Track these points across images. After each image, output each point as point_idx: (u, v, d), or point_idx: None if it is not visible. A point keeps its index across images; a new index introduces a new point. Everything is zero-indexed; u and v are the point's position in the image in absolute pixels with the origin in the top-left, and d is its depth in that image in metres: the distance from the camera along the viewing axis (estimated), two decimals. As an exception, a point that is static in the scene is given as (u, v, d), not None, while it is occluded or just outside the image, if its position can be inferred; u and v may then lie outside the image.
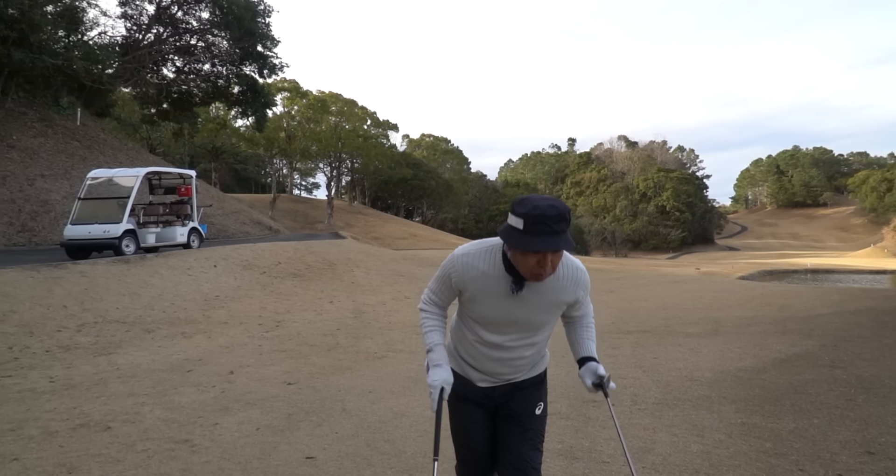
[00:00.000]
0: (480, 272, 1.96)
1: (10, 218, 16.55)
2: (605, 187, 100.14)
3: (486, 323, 2.04)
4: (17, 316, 8.32)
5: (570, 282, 1.99)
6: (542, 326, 2.07)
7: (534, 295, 1.95)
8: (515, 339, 2.05)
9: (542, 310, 2.00)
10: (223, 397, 5.29)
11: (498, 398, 2.16)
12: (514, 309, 1.97)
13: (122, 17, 25.85)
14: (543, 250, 1.77)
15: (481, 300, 2.00)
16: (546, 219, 1.75)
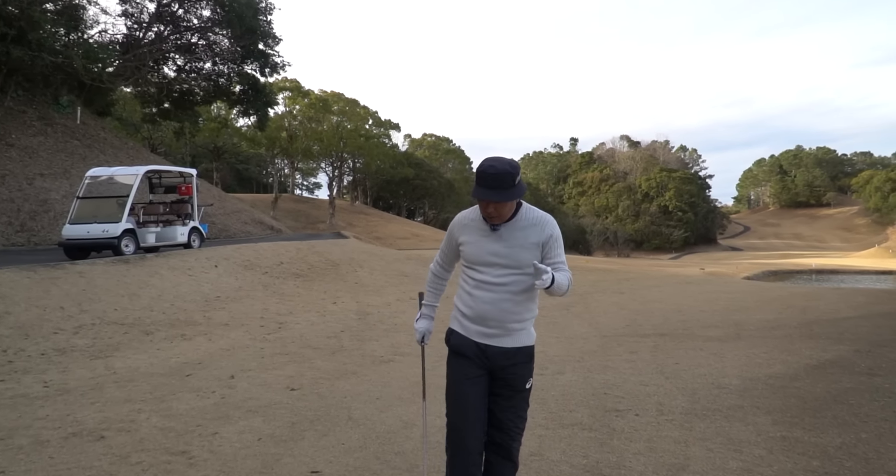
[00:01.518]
0: (469, 220, 2.49)
1: (8, 217, 16.33)
2: (607, 187, 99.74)
3: (476, 262, 2.44)
4: (13, 317, 8.09)
5: (538, 222, 2.42)
6: (522, 264, 2.36)
7: (509, 232, 2.39)
8: (501, 275, 2.38)
9: (518, 245, 2.37)
10: (223, 404, 5.04)
11: (493, 360, 2.43)
12: (494, 244, 2.39)
13: (122, 15, 25.62)
14: (484, 199, 2.31)
15: (471, 242, 2.46)
16: (486, 176, 2.29)
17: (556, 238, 2.44)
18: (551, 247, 2.41)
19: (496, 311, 2.39)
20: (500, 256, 2.39)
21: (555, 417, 4.19)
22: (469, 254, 2.47)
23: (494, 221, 2.37)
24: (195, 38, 26.78)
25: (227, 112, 40.49)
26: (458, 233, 2.53)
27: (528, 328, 2.50)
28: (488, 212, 2.35)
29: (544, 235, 2.40)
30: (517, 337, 2.45)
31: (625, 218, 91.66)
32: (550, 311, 9.94)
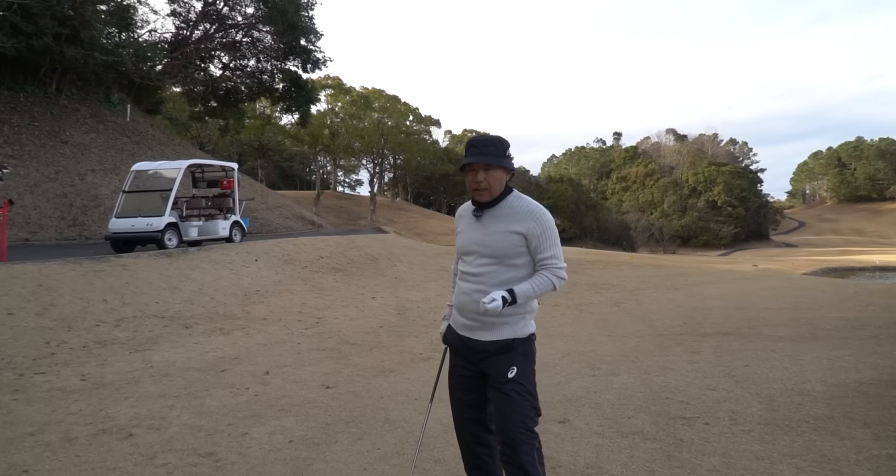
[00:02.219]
0: (464, 209, 2.46)
1: (61, 212, 16.80)
2: (652, 182, 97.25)
3: (460, 251, 2.42)
4: (57, 309, 8.15)
5: (522, 211, 2.28)
6: (499, 253, 2.26)
7: (491, 220, 2.31)
8: (479, 265, 2.30)
9: (497, 232, 2.28)
10: (256, 402, 4.83)
11: (475, 354, 2.36)
12: (476, 231, 2.34)
13: (171, 14, 26.17)
14: (470, 162, 2.26)
15: (460, 231, 2.44)
16: (476, 142, 2.31)
17: (545, 231, 2.26)
18: (540, 241, 2.25)
19: (472, 303, 2.30)
20: (478, 244, 2.31)
21: (612, 424, 3.78)
22: (457, 243, 2.45)
23: (482, 196, 2.28)
24: (239, 35, 27.16)
25: (270, 110, 41.08)
26: (457, 223, 2.51)
27: (514, 322, 2.33)
28: (477, 181, 2.26)
29: (529, 226, 2.25)
30: (497, 331, 2.32)
31: (671, 213, 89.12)
32: (599, 307, 9.45)
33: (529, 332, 2.38)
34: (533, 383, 2.35)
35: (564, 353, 6.01)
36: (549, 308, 9.36)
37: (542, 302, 10.10)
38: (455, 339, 2.45)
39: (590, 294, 11.00)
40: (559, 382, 4.92)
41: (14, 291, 8.25)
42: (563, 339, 6.84)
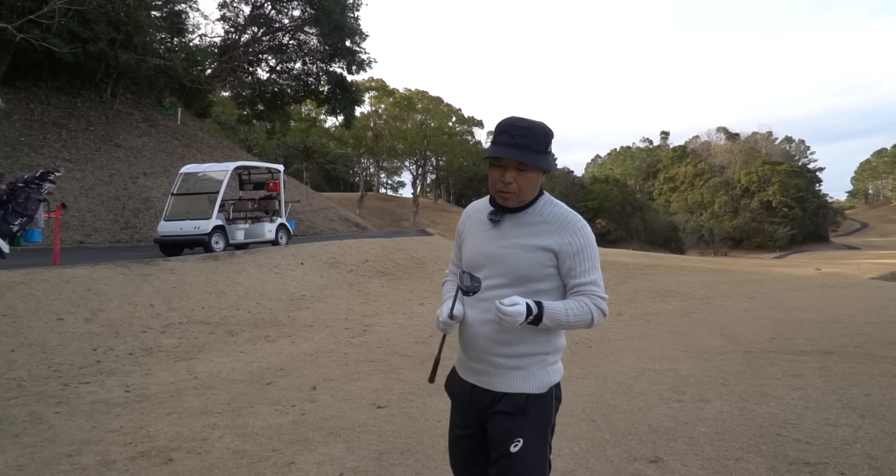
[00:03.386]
0: (475, 210, 1.93)
1: (114, 215, 17.08)
2: (701, 182, 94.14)
3: (467, 265, 1.86)
4: (105, 315, 8.05)
5: (555, 221, 1.75)
6: (516, 271, 1.73)
7: (513, 228, 1.78)
8: (489, 287, 1.75)
9: (518, 246, 1.74)
10: (303, 422, 4.44)
11: (480, 406, 1.82)
12: (489, 242, 1.80)
13: (220, 19, 26.57)
14: (499, 156, 1.70)
15: (469, 236, 1.90)
16: (511, 128, 1.71)
17: (584, 249, 1.73)
18: (576, 261, 1.72)
19: (478, 337, 1.78)
20: (490, 257, 1.77)
21: (717, 468, 3.20)
22: (464, 254, 1.89)
23: (507, 201, 1.74)
24: (286, 38, 27.36)
25: (315, 112, 41.44)
26: (462, 225, 1.94)
27: (531, 367, 1.75)
28: (504, 182, 1.71)
29: (563, 241, 1.71)
30: (507, 378, 1.76)
31: (722, 214, 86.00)
32: (667, 317, 8.75)
33: (552, 383, 1.80)
34: (543, 467, 1.76)
35: (639, 372, 5.42)
36: (612, 318, 8.72)
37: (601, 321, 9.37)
38: (457, 386, 1.91)
39: (654, 302, 10.28)
40: (640, 409, 4.34)
41: (64, 296, 8.20)
42: (634, 355, 6.24)
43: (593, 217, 75.87)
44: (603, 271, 1.86)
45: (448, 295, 1.93)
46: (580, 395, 4.82)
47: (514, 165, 1.70)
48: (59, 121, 18.60)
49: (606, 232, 72.14)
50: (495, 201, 1.81)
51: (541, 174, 1.75)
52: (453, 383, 1.94)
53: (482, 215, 1.85)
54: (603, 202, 76.13)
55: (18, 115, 17.85)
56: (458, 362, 1.93)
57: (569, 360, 6.20)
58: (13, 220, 8.84)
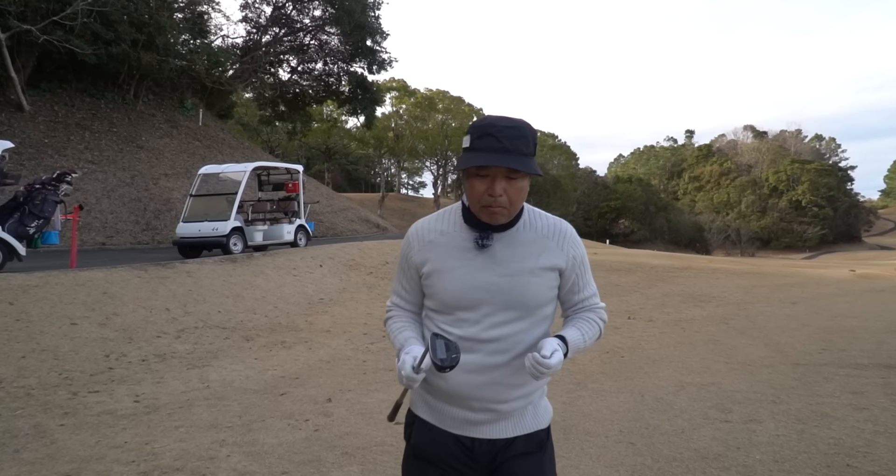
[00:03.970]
0: (439, 232, 1.54)
1: (136, 216, 17.08)
2: (727, 181, 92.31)
3: (452, 305, 1.48)
4: (120, 319, 7.87)
5: (553, 234, 1.51)
6: (529, 301, 1.45)
7: (507, 249, 1.47)
8: (497, 325, 1.45)
9: (525, 271, 1.45)
10: (316, 439, 4.14)
11: (486, 459, 1.51)
12: (483, 271, 1.46)
13: (242, 20, 26.63)
14: (486, 164, 1.38)
15: (442, 268, 1.49)
16: (495, 130, 1.39)
17: (584, 260, 1.57)
18: (578, 275, 1.56)
19: (487, 387, 1.48)
20: (492, 291, 1.46)
21: (779, 507, 2.80)
22: (440, 290, 1.51)
23: (498, 217, 1.44)
24: (308, 38, 27.31)
25: (337, 113, 41.49)
26: (422, 255, 1.55)
27: (537, 401, 1.57)
28: (492, 196, 1.41)
29: (568, 256, 1.52)
30: (520, 419, 1.54)
31: (749, 214, 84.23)
32: (703, 324, 8.27)
33: (551, 414, 1.62)
34: None
35: (679, 386, 5.00)
36: (644, 325, 8.28)
37: (636, 316, 8.96)
38: (442, 446, 1.53)
39: (688, 307, 9.78)
40: (684, 430, 3.95)
41: (79, 300, 8.04)
42: (671, 366, 5.82)
43: (616, 217, 74.83)
44: (630, 274, 1.51)
45: (403, 336, 1.58)
46: (615, 413, 4.44)
47: (504, 174, 1.40)
48: (83, 122, 18.71)
49: (630, 232, 71.09)
50: (474, 219, 1.49)
51: (528, 182, 1.48)
52: (434, 444, 1.54)
53: (457, 240, 1.51)
54: (626, 202, 75.12)
55: (43, 116, 17.99)
56: (437, 416, 1.55)
57: (599, 371, 5.81)
58: (29, 222, 8.75)
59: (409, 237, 1.59)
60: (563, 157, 78.10)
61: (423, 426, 1.56)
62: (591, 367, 5.92)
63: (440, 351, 1.38)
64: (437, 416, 1.54)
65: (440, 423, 1.54)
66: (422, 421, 1.56)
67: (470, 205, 1.47)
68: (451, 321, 1.49)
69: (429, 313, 1.58)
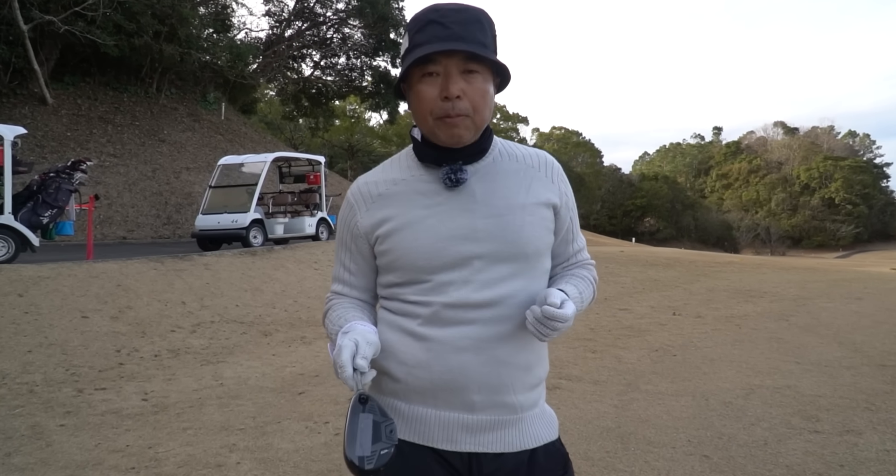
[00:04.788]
0: (390, 182, 1.14)
1: (157, 210, 16.92)
2: (757, 179, 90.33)
3: (426, 267, 1.06)
4: (133, 312, 7.52)
5: (539, 163, 1.16)
6: (527, 247, 1.08)
7: (486, 183, 1.10)
8: (488, 283, 1.06)
9: (515, 207, 1.09)
10: (336, 445, 3.68)
11: None
12: (462, 215, 1.07)
13: (266, 14, 26.49)
14: (433, 51, 1.00)
15: (405, 224, 1.08)
16: (438, 16, 1.03)
17: (573, 202, 1.23)
18: (572, 220, 1.21)
19: (491, 368, 1.06)
20: (481, 239, 1.07)
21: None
22: (406, 251, 1.08)
23: (460, 130, 1.04)
24: (330, 32, 27.06)
25: (361, 112, 41.40)
26: (369, 214, 1.14)
27: (542, 401, 1.17)
28: (448, 98, 1.01)
29: (560, 191, 1.17)
30: (532, 424, 1.11)
31: (779, 212, 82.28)
32: (760, 321, 7.59)
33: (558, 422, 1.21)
34: None
35: (748, 390, 4.40)
36: (692, 321, 7.63)
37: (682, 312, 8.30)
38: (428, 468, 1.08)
39: (738, 303, 9.08)
40: (767, 441, 3.36)
41: (91, 292, 7.72)
42: (733, 366, 5.20)
43: (641, 215, 73.58)
44: (669, 269, 0.94)
45: (345, 319, 1.12)
46: (678, 419, 3.86)
47: (459, 68, 1.02)
48: (106, 116, 18.64)
49: (655, 230, 69.84)
50: (432, 153, 1.11)
51: (494, 83, 1.09)
52: (409, 472, 1.07)
53: (417, 185, 1.12)
54: (652, 200, 73.93)
55: (66, 110, 17.94)
56: (420, 427, 1.09)
57: (651, 370, 5.22)
58: (43, 212, 8.47)
59: (350, 199, 1.18)
60: (587, 154, 77.18)
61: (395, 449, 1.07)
62: (640, 366, 5.34)
63: (362, 438, 0.91)
64: (414, 427, 1.09)
65: (420, 436, 1.08)
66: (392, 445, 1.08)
67: (420, 124, 1.09)
68: (429, 289, 1.07)
69: (388, 298, 1.14)
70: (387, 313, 1.14)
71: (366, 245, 1.14)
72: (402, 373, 1.08)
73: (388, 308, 1.15)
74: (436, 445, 1.07)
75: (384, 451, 0.91)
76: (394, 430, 0.96)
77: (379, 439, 0.92)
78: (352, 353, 0.97)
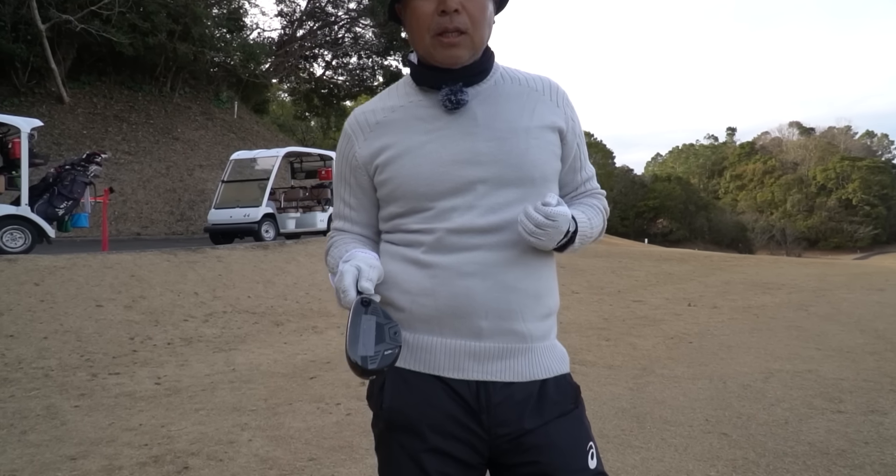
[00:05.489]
0: (388, 109, 1.10)
1: (170, 207, 17.06)
2: (772, 180, 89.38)
3: (427, 193, 1.03)
4: (147, 302, 7.58)
5: (543, 87, 1.11)
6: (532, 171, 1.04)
7: (488, 106, 1.06)
8: (493, 209, 1.02)
9: (519, 129, 1.04)
10: (348, 424, 3.65)
11: (493, 418, 1.02)
12: (464, 138, 1.03)
13: (278, 14, 26.68)
14: None
15: (404, 150, 1.05)
16: None
17: (581, 129, 1.16)
18: (580, 147, 1.16)
19: (498, 293, 1.02)
20: (483, 163, 1.03)
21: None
22: (407, 178, 1.05)
23: (458, 49, 1.01)
24: (342, 31, 27.19)
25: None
26: (367, 143, 1.10)
27: (552, 336, 1.10)
28: (446, 12, 0.98)
29: (566, 115, 1.11)
30: (542, 355, 1.07)
31: (794, 214, 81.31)
32: (778, 310, 7.48)
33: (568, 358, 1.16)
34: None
35: (766, 373, 4.32)
36: (706, 311, 7.53)
37: (697, 303, 8.16)
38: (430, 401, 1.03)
39: (755, 294, 8.97)
40: (787, 420, 3.29)
41: (106, 282, 7.79)
42: (751, 353, 5.12)
43: (654, 217, 73.06)
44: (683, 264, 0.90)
45: (346, 249, 1.11)
46: (695, 400, 3.80)
47: None
48: (121, 114, 18.86)
49: (668, 232, 69.32)
50: (430, 75, 1.06)
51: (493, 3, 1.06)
52: (417, 401, 1.03)
53: (416, 110, 1.07)
54: (665, 201, 73.42)
55: (82, 108, 18.17)
56: (424, 356, 1.05)
57: (666, 356, 5.15)
58: (58, 204, 8.55)
59: (348, 130, 1.14)
60: (599, 155, 76.81)
61: (399, 379, 1.06)
62: (655, 352, 5.27)
63: (365, 338, 0.89)
64: (419, 356, 1.05)
65: (425, 365, 1.04)
66: (395, 372, 1.05)
67: (417, 45, 1.05)
68: (432, 217, 1.03)
69: (391, 231, 1.11)
70: (389, 245, 1.11)
71: (365, 177, 1.11)
72: (406, 301, 1.05)
73: (390, 241, 1.12)
74: (442, 374, 1.03)
75: (388, 352, 0.89)
76: (398, 333, 0.94)
77: (382, 340, 0.90)
78: (354, 277, 0.96)
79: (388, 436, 1.08)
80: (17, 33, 16.13)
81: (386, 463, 1.10)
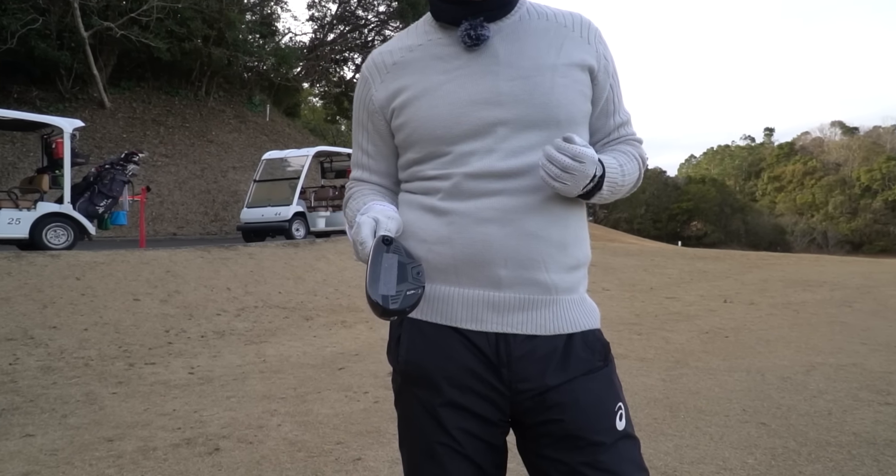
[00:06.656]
0: (406, 49, 1.03)
1: (205, 208, 17.45)
2: (812, 181, 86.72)
3: (445, 136, 0.97)
4: (181, 297, 7.76)
5: (573, 22, 1.03)
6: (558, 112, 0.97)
7: (511, 43, 0.99)
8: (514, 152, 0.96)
9: (541, 68, 0.97)
10: (375, 411, 3.66)
11: (514, 373, 0.96)
12: (485, 77, 0.97)
13: (309, 19, 27.16)
14: None
15: (422, 91, 0.99)
16: None
17: (615, 68, 1.06)
18: (613, 87, 1.06)
19: (519, 240, 0.95)
20: (505, 104, 0.96)
21: None
22: (424, 120, 0.98)
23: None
24: (371, 34, 27.47)
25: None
26: (385, 85, 1.04)
27: (581, 290, 1.03)
28: None
29: (597, 53, 1.02)
30: (568, 308, 0.99)
31: (837, 216, 78.67)
32: (821, 307, 7.23)
33: (599, 314, 1.08)
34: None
35: (808, 367, 4.17)
36: (743, 307, 7.32)
37: (733, 300, 7.92)
38: (447, 354, 0.98)
39: (795, 291, 8.69)
40: (831, 411, 3.16)
41: (143, 277, 8.01)
42: (791, 347, 4.95)
43: (688, 219, 71.65)
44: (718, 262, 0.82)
45: (363, 201, 1.08)
46: (731, 391, 3.69)
47: None
48: (158, 118, 19.42)
49: (703, 235, 67.90)
50: (450, 10, 0.99)
51: None
52: (434, 353, 0.99)
53: (434, 49, 1.01)
54: (699, 203, 71.94)
55: (122, 113, 18.77)
56: (442, 306, 0.99)
57: (701, 350, 5.02)
58: (99, 202, 8.81)
59: (364, 72, 1.08)
60: (631, 157, 75.82)
61: (415, 331, 1.00)
62: (689, 345, 5.14)
63: (386, 277, 0.85)
64: (436, 306, 0.99)
65: (442, 316, 0.99)
66: (411, 324, 1.00)
67: None
68: (450, 162, 0.98)
69: (409, 180, 1.06)
70: (406, 194, 1.07)
71: (382, 122, 1.06)
72: (423, 250, 1.00)
73: (408, 190, 1.07)
74: (460, 325, 0.98)
75: (410, 292, 0.85)
76: (421, 273, 0.89)
77: (405, 280, 0.85)
78: (372, 228, 0.93)
79: (405, 390, 1.04)
80: (61, 41, 16.78)
81: (404, 418, 1.05)
